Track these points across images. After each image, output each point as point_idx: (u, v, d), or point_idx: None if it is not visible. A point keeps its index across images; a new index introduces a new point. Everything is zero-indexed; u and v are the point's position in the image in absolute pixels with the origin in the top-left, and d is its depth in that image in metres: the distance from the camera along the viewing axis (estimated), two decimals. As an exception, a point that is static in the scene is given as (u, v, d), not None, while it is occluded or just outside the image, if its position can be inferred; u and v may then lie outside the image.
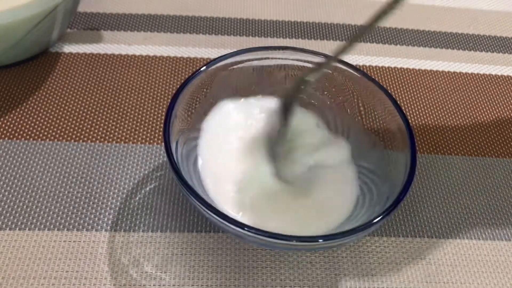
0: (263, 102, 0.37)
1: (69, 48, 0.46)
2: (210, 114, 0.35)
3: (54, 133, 0.39)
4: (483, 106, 0.45)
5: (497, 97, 0.46)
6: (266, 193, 0.33)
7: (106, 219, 0.34)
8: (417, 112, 0.44)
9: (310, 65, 0.36)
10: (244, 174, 0.33)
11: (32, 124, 0.39)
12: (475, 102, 0.45)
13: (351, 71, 0.35)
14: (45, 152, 0.38)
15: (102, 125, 0.40)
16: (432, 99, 0.45)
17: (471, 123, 0.43)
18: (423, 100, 0.45)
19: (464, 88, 0.47)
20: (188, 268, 0.32)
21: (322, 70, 0.33)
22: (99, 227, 0.34)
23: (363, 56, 0.48)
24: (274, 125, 0.33)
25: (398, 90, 0.45)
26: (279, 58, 0.36)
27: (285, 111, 0.32)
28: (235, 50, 0.35)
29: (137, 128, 0.40)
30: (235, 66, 0.35)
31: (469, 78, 0.48)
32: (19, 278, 0.31)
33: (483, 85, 0.47)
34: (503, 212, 0.37)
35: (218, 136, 0.35)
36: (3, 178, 0.36)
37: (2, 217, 0.34)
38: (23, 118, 0.40)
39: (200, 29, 0.49)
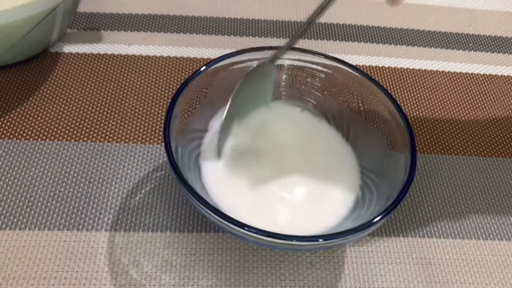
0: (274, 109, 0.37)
1: (69, 48, 0.46)
2: (216, 116, 0.35)
3: (54, 133, 0.39)
4: (483, 106, 0.45)
5: (497, 97, 0.46)
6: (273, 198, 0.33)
7: (106, 219, 0.34)
8: (417, 112, 0.44)
9: (305, 64, 0.36)
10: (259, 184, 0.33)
11: (32, 124, 0.39)
12: (475, 102, 0.45)
13: (352, 71, 0.35)
14: (45, 152, 0.38)
15: (102, 125, 0.40)
16: (432, 99, 0.45)
17: (471, 123, 0.43)
18: (423, 100, 0.45)
19: (464, 88, 0.47)
20: (188, 268, 0.32)
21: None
22: (99, 227, 0.34)
23: (363, 56, 0.48)
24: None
25: (398, 90, 0.45)
26: (279, 58, 0.36)
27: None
28: (235, 50, 0.35)
29: (137, 128, 0.40)
30: (235, 66, 0.35)
31: (469, 78, 0.48)
32: (19, 278, 0.31)
33: (483, 85, 0.47)
34: (503, 212, 0.37)
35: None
36: (3, 178, 0.36)
37: (2, 217, 0.34)
38: (23, 118, 0.40)
39: (200, 29, 0.49)
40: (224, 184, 0.33)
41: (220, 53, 0.46)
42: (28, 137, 0.38)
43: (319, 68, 0.36)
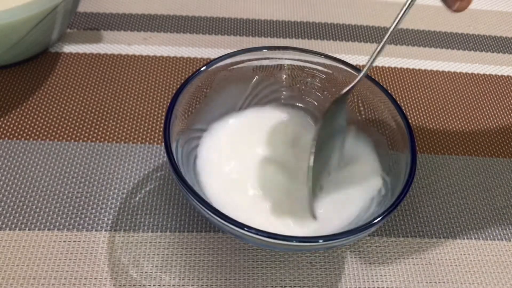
0: (266, 113, 0.37)
1: (69, 48, 0.46)
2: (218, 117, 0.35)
3: (54, 133, 0.39)
4: (483, 106, 0.45)
5: (497, 97, 0.46)
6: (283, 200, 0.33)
7: (106, 219, 0.34)
8: (417, 112, 0.44)
9: (305, 64, 0.36)
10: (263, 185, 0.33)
11: (32, 124, 0.39)
12: (475, 102, 0.45)
13: (351, 71, 0.35)
14: (45, 152, 0.38)
15: (102, 125, 0.40)
16: (432, 99, 0.45)
17: (471, 123, 0.43)
18: (423, 100, 0.45)
19: (464, 88, 0.47)
20: (188, 268, 0.32)
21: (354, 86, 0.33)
22: (99, 227, 0.34)
23: (363, 56, 0.48)
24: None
25: (398, 90, 0.45)
26: (279, 58, 0.36)
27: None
28: (235, 50, 0.35)
29: (137, 128, 0.40)
30: (235, 66, 0.35)
31: (469, 78, 0.48)
32: (19, 278, 0.31)
33: (483, 85, 0.47)
34: (503, 212, 0.37)
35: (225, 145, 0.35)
36: (3, 178, 0.36)
37: (2, 217, 0.34)
38: (23, 118, 0.40)
39: (200, 29, 0.49)
40: (224, 183, 0.33)
41: (220, 53, 0.46)
42: (28, 137, 0.38)
43: (319, 68, 0.36)
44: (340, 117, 0.34)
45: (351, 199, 0.32)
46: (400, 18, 0.30)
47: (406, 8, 0.30)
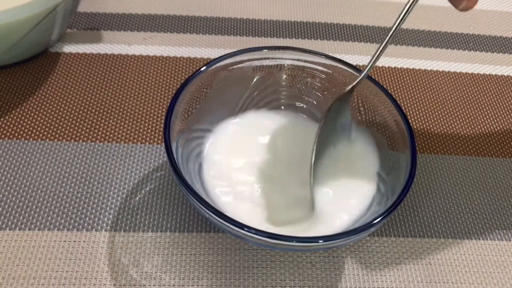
0: (270, 116, 0.37)
1: (69, 48, 0.46)
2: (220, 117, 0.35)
3: (54, 133, 0.39)
4: (483, 106, 0.45)
5: (497, 97, 0.46)
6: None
7: (106, 219, 0.34)
8: (417, 112, 0.44)
9: (305, 64, 0.36)
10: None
11: (32, 124, 0.39)
12: (475, 102, 0.45)
13: (351, 71, 0.35)
14: (45, 152, 0.38)
15: (102, 125, 0.40)
16: (432, 99, 0.45)
17: (471, 123, 0.43)
18: (423, 100, 0.45)
19: (464, 88, 0.47)
20: (188, 268, 0.32)
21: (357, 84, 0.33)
22: (99, 227, 0.34)
23: (363, 56, 0.48)
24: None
25: (398, 90, 0.45)
26: (279, 58, 0.36)
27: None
28: (235, 50, 0.35)
29: (137, 128, 0.40)
30: (235, 66, 0.35)
31: (469, 78, 0.48)
32: (19, 278, 0.31)
33: (483, 85, 0.47)
34: (503, 212, 0.37)
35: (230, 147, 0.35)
36: (3, 178, 0.36)
37: (2, 217, 0.34)
38: (23, 118, 0.40)
39: (200, 29, 0.49)
40: (224, 184, 0.33)
41: (220, 53, 0.46)
42: (28, 137, 0.38)
43: (319, 68, 0.36)
44: (344, 115, 0.34)
45: (350, 197, 0.32)
46: (404, 16, 0.30)
47: (409, 7, 0.30)
